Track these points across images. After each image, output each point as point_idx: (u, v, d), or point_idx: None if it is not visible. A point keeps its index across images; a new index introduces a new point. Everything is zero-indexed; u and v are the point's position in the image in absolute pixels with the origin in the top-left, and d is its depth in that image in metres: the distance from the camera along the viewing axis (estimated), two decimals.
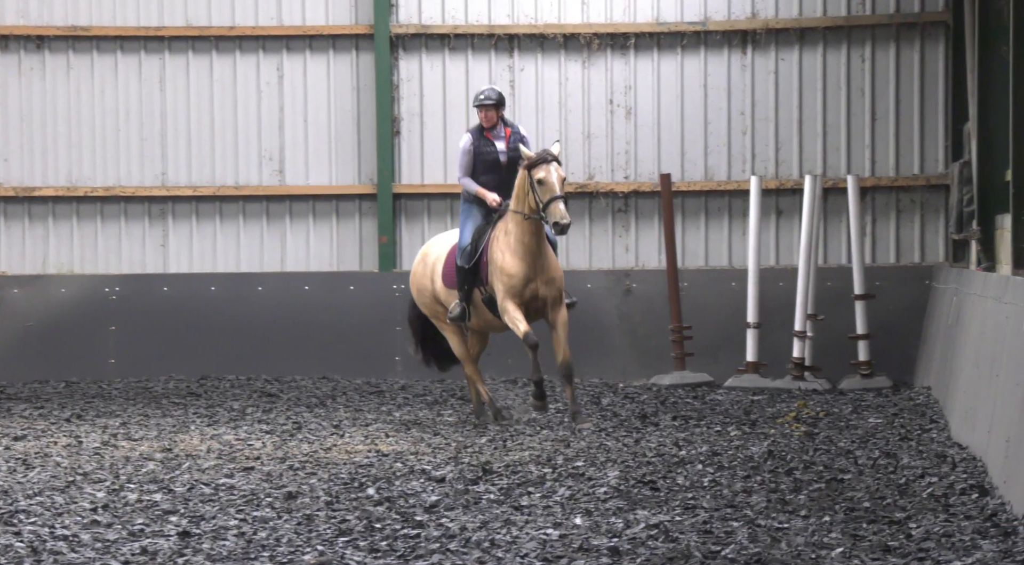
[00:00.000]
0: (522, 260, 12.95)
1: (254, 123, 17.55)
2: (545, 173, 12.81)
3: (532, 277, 12.98)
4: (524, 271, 12.94)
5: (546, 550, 7.98)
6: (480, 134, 13.36)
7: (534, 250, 12.98)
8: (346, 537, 8.38)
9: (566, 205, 12.77)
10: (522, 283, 12.96)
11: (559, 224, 12.68)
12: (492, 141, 13.31)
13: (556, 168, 12.87)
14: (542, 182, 12.80)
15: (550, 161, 12.87)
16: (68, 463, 11.19)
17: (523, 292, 12.98)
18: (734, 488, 9.76)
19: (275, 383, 16.68)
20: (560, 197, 12.73)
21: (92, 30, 17.47)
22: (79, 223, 17.59)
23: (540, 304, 13.05)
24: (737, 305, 16.50)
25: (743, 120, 17.26)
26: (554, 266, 13.09)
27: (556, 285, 13.06)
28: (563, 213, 12.70)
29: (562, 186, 12.79)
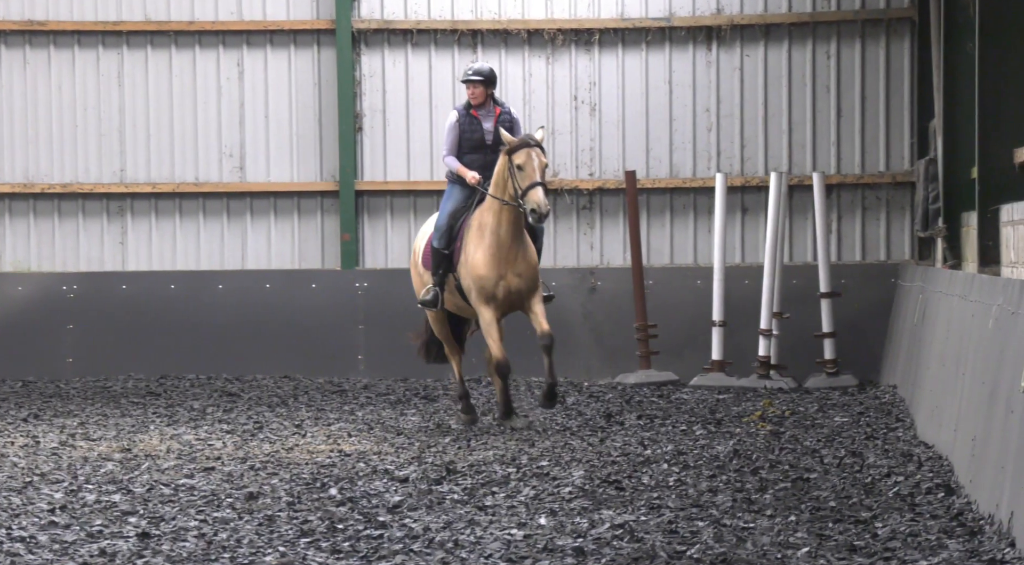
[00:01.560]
0: (493, 257, 12.50)
1: (214, 119, 17.41)
2: (525, 158, 12.35)
3: (503, 273, 12.54)
4: (495, 270, 12.51)
5: (510, 551, 7.92)
6: (467, 112, 12.84)
7: (507, 243, 12.52)
8: (308, 538, 8.29)
9: (547, 193, 12.35)
10: (493, 283, 12.55)
11: (536, 212, 12.23)
12: (479, 120, 12.80)
13: (538, 154, 12.39)
14: (521, 168, 12.34)
15: (532, 146, 12.39)
16: (25, 463, 11.05)
17: (496, 292, 12.57)
18: (699, 488, 9.71)
19: (236, 382, 16.56)
20: (539, 184, 12.27)
21: (49, 24, 17.30)
22: (36, 220, 17.42)
23: (515, 298, 12.65)
24: (702, 303, 16.46)
25: (708, 117, 17.22)
26: (529, 258, 12.62)
27: (530, 276, 12.60)
28: (542, 201, 12.24)
29: (543, 173, 12.36)
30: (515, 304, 12.69)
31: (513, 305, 12.70)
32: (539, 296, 12.68)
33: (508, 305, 12.69)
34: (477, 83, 12.75)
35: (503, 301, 12.61)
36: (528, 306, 12.68)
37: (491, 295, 12.54)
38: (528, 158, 12.32)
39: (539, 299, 12.68)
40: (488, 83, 12.78)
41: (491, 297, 12.55)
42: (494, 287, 12.53)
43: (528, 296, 12.63)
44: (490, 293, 12.54)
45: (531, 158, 12.32)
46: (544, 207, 12.22)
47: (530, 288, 12.62)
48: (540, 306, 12.66)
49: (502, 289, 12.55)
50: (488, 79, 12.77)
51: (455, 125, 12.81)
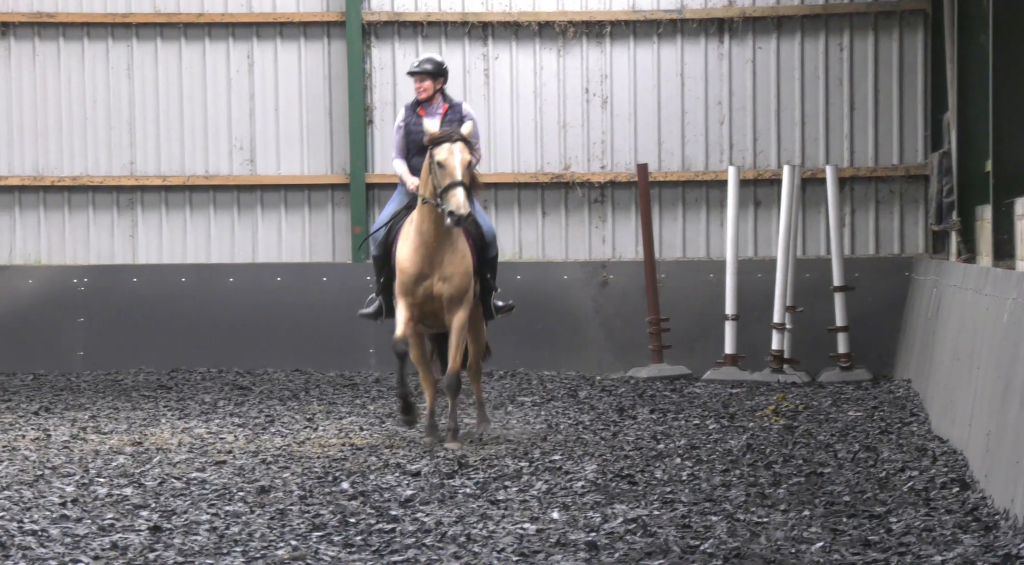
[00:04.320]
0: (415, 252, 11.41)
1: (224, 112, 17.38)
2: (446, 155, 11.18)
3: (427, 273, 11.40)
4: (416, 266, 11.41)
5: (523, 545, 7.89)
6: (414, 109, 11.91)
7: (431, 242, 11.38)
8: (320, 532, 8.27)
9: (468, 193, 11.12)
10: (413, 280, 11.42)
11: (454, 214, 11.03)
12: (424, 117, 11.75)
13: (460, 149, 11.20)
14: (442, 165, 11.17)
15: (454, 140, 11.23)
16: (36, 457, 11.04)
17: (415, 290, 11.43)
18: (713, 482, 9.69)
19: (247, 376, 16.54)
20: (459, 184, 11.07)
21: (58, 16, 17.28)
22: (46, 213, 17.40)
23: (437, 305, 11.47)
24: (715, 297, 16.42)
25: (720, 109, 17.17)
26: (457, 262, 11.44)
27: (456, 283, 11.43)
28: (460, 202, 11.00)
29: (466, 171, 11.16)
30: (437, 311, 11.51)
31: (435, 312, 11.52)
32: (461, 310, 11.47)
33: (429, 311, 11.52)
34: (423, 76, 11.82)
35: (422, 301, 11.46)
36: (448, 322, 11.51)
37: (410, 290, 11.46)
38: (449, 154, 11.19)
39: (460, 316, 11.45)
40: (436, 76, 11.84)
41: (410, 292, 11.46)
42: (415, 283, 11.45)
43: (450, 306, 11.46)
44: (409, 288, 11.46)
45: (453, 154, 11.19)
46: (461, 209, 11.02)
47: (452, 297, 11.44)
48: (458, 333, 11.46)
49: (423, 289, 11.45)
50: (435, 72, 11.84)
51: (401, 125, 11.89)
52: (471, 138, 11.42)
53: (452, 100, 11.95)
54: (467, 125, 11.47)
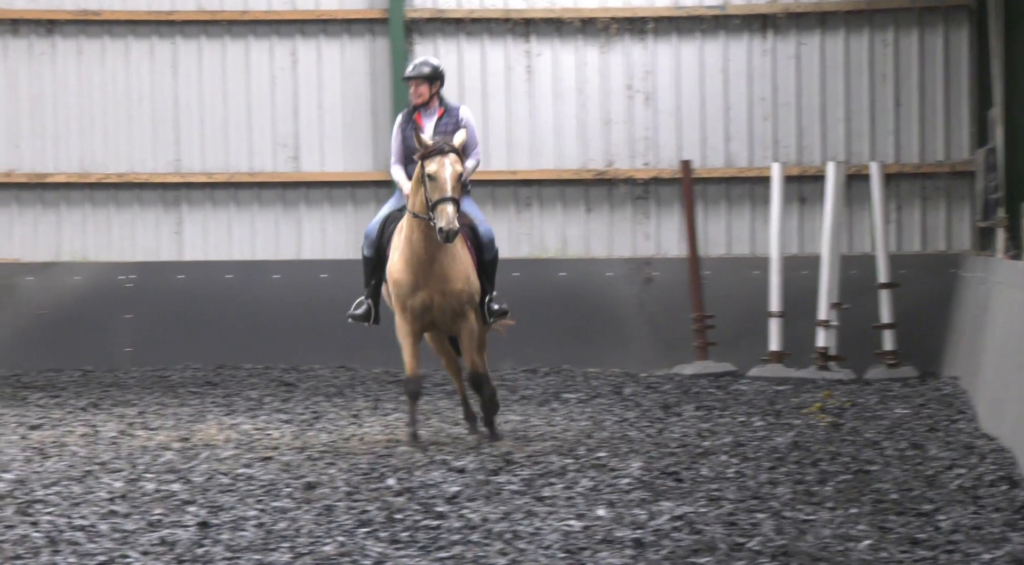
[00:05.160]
0: (408, 263, 11.19)
1: (268, 109, 17.43)
2: (437, 167, 10.92)
3: (421, 285, 11.18)
4: (410, 278, 11.18)
5: (569, 542, 7.89)
6: (410, 114, 11.61)
7: (421, 254, 11.13)
8: (366, 528, 8.29)
9: (457, 208, 10.87)
10: (408, 292, 11.21)
11: (443, 231, 10.78)
12: (420, 123, 11.50)
13: (452, 162, 10.93)
14: (433, 177, 10.92)
15: (446, 153, 10.96)
16: (85, 453, 11.11)
17: (411, 303, 11.23)
18: (759, 479, 9.67)
19: (293, 372, 16.58)
20: (450, 199, 10.81)
21: (103, 14, 17.35)
22: (92, 210, 17.49)
23: (437, 316, 11.25)
24: (760, 294, 16.37)
25: (764, 106, 17.11)
26: (454, 275, 11.19)
27: (455, 297, 11.21)
28: (449, 218, 10.75)
29: (457, 185, 10.89)
30: (438, 323, 11.35)
31: (436, 323, 11.36)
32: (467, 319, 11.31)
33: (428, 321, 11.34)
34: (420, 81, 11.51)
35: (420, 315, 11.27)
36: (456, 331, 11.41)
37: (405, 305, 11.28)
38: (440, 167, 10.93)
39: (468, 324, 11.31)
40: (432, 80, 11.52)
41: (406, 307, 11.28)
42: (409, 297, 11.24)
43: (454, 318, 11.29)
44: (404, 302, 11.27)
45: (444, 167, 10.92)
46: (450, 226, 10.77)
47: (455, 310, 11.24)
48: (469, 337, 11.32)
49: (420, 302, 11.24)
50: (431, 76, 11.51)
51: (398, 130, 11.61)
52: (466, 146, 11.24)
53: (449, 104, 11.66)
54: (459, 134, 11.20)
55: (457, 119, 11.52)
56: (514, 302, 16.70)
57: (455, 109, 11.61)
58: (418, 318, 11.27)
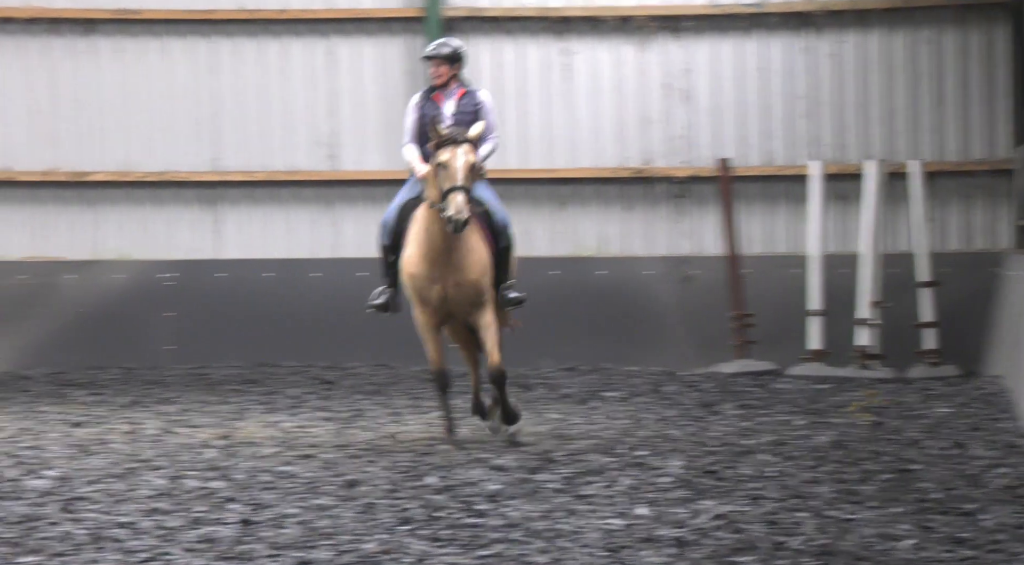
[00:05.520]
0: (424, 256, 11.08)
1: (306, 107, 17.47)
2: (449, 156, 10.85)
3: (436, 276, 11.07)
4: (427, 270, 11.08)
5: (610, 540, 7.89)
6: (428, 94, 11.48)
7: (439, 244, 11.01)
8: (407, 526, 8.31)
9: (468, 197, 10.76)
10: (425, 284, 11.10)
11: (451, 220, 10.70)
12: (439, 103, 11.38)
13: (465, 152, 10.85)
14: (445, 167, 10.84)
15: (459, 143, 10.88)
16: (127, 450, 11.16)
17: (429, 296, 11.12)
18: (800, 478, 9.66)
19: (332, 370, 16.62)
20: (460, 188, 10.72)
21: (142, 13, 17.42)
22: (132, 208, 17.56)
23: (454, 307, 11.15)
24: (799, 292, 16.33)
25: (803, 104, 17.06)
26: (469, 265, 11.07)
27: (471, 287, 11.08)
28: (459, 207, 10.65)
29: (468, 175, 10.81)
30: (456, 314, 11.23)
31: (454, 314, 11.24)
32: (486, 310, 11.18)
33: (446, 313, 11.22)
34: (440, 61, 11.37)
35: (438, 307, 11.16)
36: (474, 323, 11.26)
37: (424, 298, 11.16)
38: (453, 156, 10.85)
39: (486, 316, 11.17)
40: (452, 61, 11.38)
41: (424, 300, 11.17)
42: (426, 290, 11.13)
43: (472, 309, 11.16)
44: (422, 295, 11.16)
45: (456, 157, 10.84)
46: (459, 214, 10.67)
47: (472, 301, 11.12)
48: (488, 329, 11.18)
49: (436, 294, 11.12)
50: (452, 57, 11.38)
51: (414, 108, 11.46)
52: (484, 133, 11.13)
53: (469, 85, 11.53)
54: (477, 126, 11.10)
55: (476, 101, 11.39)
56: (553, 300, 16.78)
57: (474, 92, 11.47)
58: (437, 311, 11.18)
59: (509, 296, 11.40)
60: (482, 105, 11.38)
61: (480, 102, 11.39)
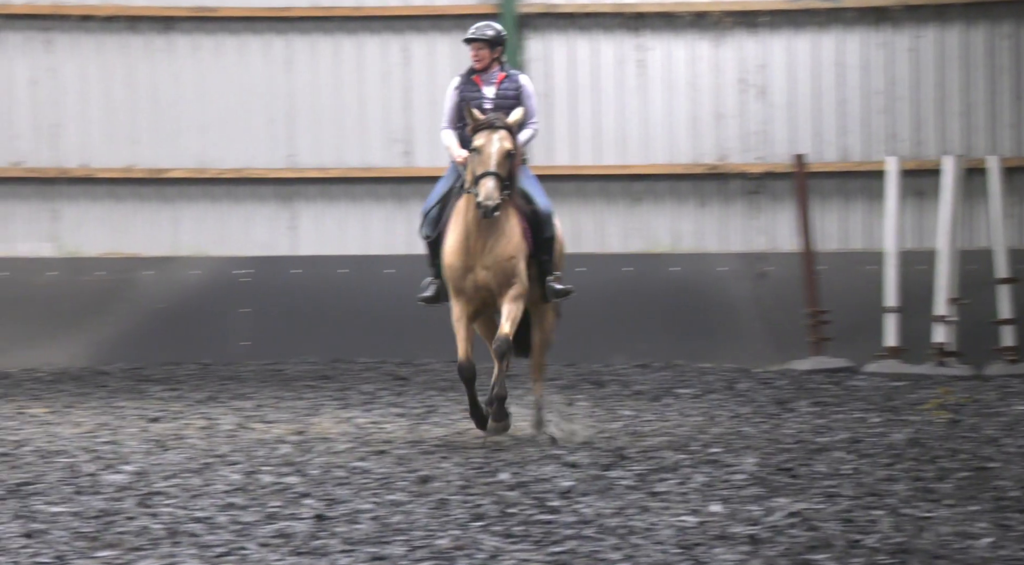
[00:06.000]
0: (460, 244, 10.95)
1: (381, 104, 17.53)
2: (484, 141, 10.72)
3: (471, 264, 10.95)
4: (462, 259, 10.95)
5: (683, 537, 7.86)
6: (468, 77, 11.29)
7: (473, 230, 10.87)
8: (480, 522, 8.31)
9: (500, 183, 10.62)
10: (461, 274, 11.00)
11: (481, 205, 10.60)
12: (480, 86, 11.21)
13: (501, 138, 10.71)
14: (479, 151, 10.72)
15: (496, 128, 10.75)
16: (203, 445, 11.24)
17: (464, 285, 11.02)
18: (876, 476, 9.58)
19: (406, 366, 16.67)
20: (492, 174, 10.61)
21: (219, 11, 17.55)
22: (209, 205, 17.69)
23: (485, 294, 11.03)
24: (875, 288, 16.22)
25: (880, 99, 16.94)
26: (500, 248, 10.92)
27: (500, 270, 10.94)
28: (489, 192, 10.55)
29: (502, 160, 10.67)
30: (487, 301, 11.11)
31: (485, 302, 11.12)
32: (513, 294, 10.99)
33: (480, 301, 11.11)
34: (480, 44, 11.17)
35: (473, 296, 11.05)
36: (500, 303, 11.08)
37: (459, 287, 11.05)
38: (487, 141, 10.72)
39: (514, 291, 10.99)
40: (493, 44, 11.18)
41: (459, 290, 11.06)
42: (461, 279, 11.02)
43: (499, 292, 11.00)
44: (459, 283, 11.03)
45: (491, 142, 10.70)
46: (489, 200, 10.57)
47: (500, 283, 10.96)
48: (512, 302, 10.99)
49: (470, 282, 11.01)
50: (493, 40, 11.19)
51: (454, 92, 11.27)
52: (524, 119, 11.02)
53: (509, 70, 11.32)
54: (516, 112, 10.97)
55: (518, 85, 11.21)
56: (626, 297, 16.77)
57: (515, 75, 11.29)
58: (472, 300, 11.06)
59: (557, 287, 11.30)
60: (523, 89, 11.20)
61: (521, 86, 11.21)
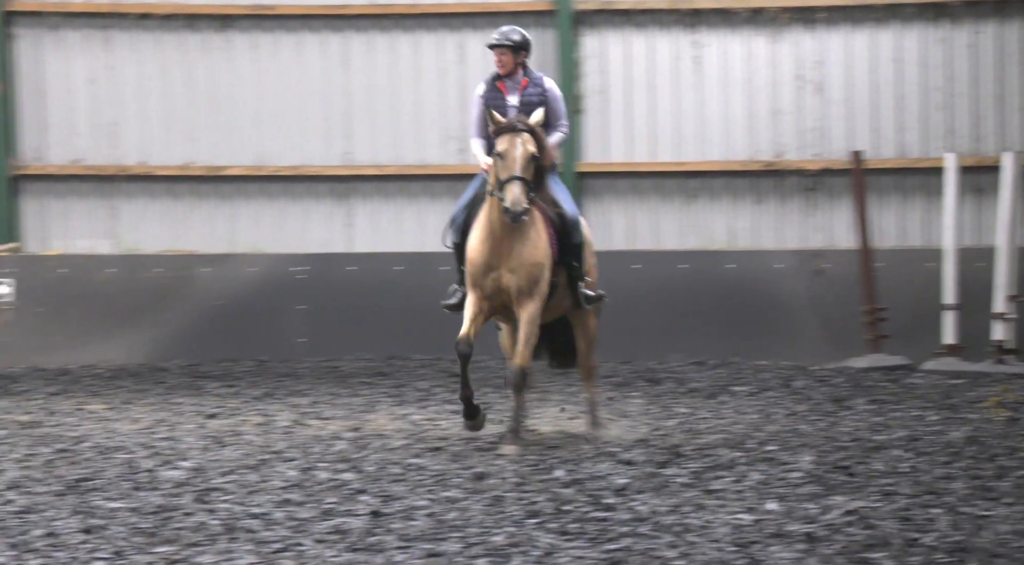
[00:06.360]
0: (483, 243, 10.81)
1: (437, 101, 17.56)
2: (507, 145, 10.57)
3: (495, 264, 10.79)
4: (484, 257, 10.80)
5: (739, 535, 7.85)
6: (493, 84, 11.13)
7: (498, 232, 10.73)
8: (535, 519, 8.32)
9: (526, 188, 10.50)
10: (481, 271, 10.84)
11: (508, 211, 10.45)
12: (504, 93, 11.06)
13: (524, 141, 10.57)
14: (502, 156, 10.57)
15: (519, 131, 10.59)
16: (260, 441, 11.30)
17: (484, 282, 10.85)
18: (934, 474, 9.52)
19: None
20: (518, 178, 10.46)
21: (277, 9, 17.63)
22: (266, 202, 17.78)
23: (506, 297, 10.88)
24: (933, 286, 16.10)
25: (938, 95, 16.82)
26: (528, 252, 10.78)
27: (525, 275, 10.77)
28: (516, 197, 10.41)
29: (527, 165, 10.54)
30: (506, 303, 10.94)
31: (506, 304, 10.95)
32: (532, 302, 10.84)
33: (499, 303, 10.95)
34: (504, 49, 11.00)
35: (492, 295, 10.89)
36: (517, 314, 10.92)
37: (479, 282, 10.89)
38: (511, 145, 10.57)
39: (530, 308, 10.83)
40: (516, 50, 11.03)
41: (479, 286, 10.90)
42: (482, 277, 10.86)
43: (519, 298, 10.84)
44: (478, 280, 10.88)
45: (515, 146, 10.56)
46: (517, 206, 10.43)
47: (523, 288, 10.80)
48: (528, 325, 10.85)
49: (492, 281, 10.86)
50: (518, 45, 11.03)
51: (479, 100, 11.09)
52: (551, 118, 10.93)
53: (533, 74, 11.14)
54: (537, 113, 10.80)
55: (543, 89, 11.06)
56: (681, 294, 16.72)
57: (539, 78, 11.12)
58: (488, 299, 10.90)
59: (589, 294, 11.21)
60: (548, 93, 11.06)
61: (546, 90, 11.07)
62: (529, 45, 11.15)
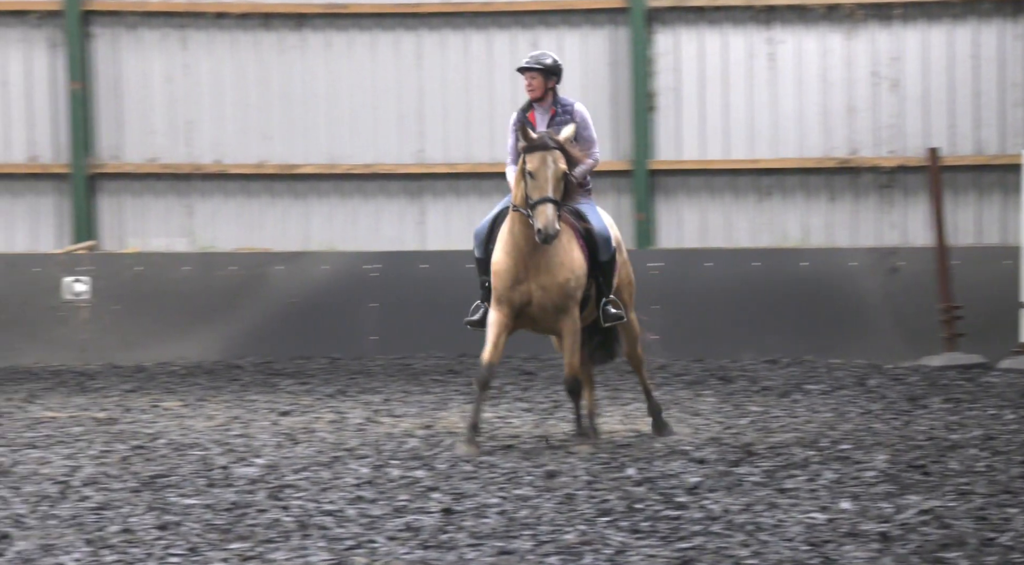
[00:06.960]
0: (509, 257, 10.60)
1: (508, 99, 17.56)
2: (538, 164, 10.31)
3: (523, 278, 10.58)
4: (511, 271, 10.59)
5: (812, 534, 7.80)
6: (524, 113, 10.88)
7: (524, 248, 10.52)
8: (607, 517, 8.30)
9: (557, 209, 10.27)
10: (508, 286, 10.61)
11: (540, 232, 10.20)
12: (534, 125, 10.78)
13: (555, 160, 10.33)
14: (533, 175, 10.32)
15: (550, 149, 10.34)
16: (333, 439, 11.35)
17: (511, 296, 10.63)
18: (1011, 474, 9.42)
19: (533, 361, 16.69)
20: (549, 200, 10.23)
21: (351, 7, 17.71)
22: (340, 200, 17.86)
23: (536, 313, 10.67)
24: (1011, 284, 15.95)
25: (1017, 92, 16.66)
26: (556, 268, 10.56)
27: (556, 290, 10.56)
28: (548, 220, 10.17)
29: (558, 185, 10.30)
30: (538, 320, 10.76)
31: (535, 321, 10.77)
32: (569, 317, 10.65)
33: (527, 318, 10.75)
34: (534, 73, 10.79)
35: (518, 309, 10.67)
36: (558, 329, 10.76)
37: (506, 296, 10.66)
38: (542, 164, 10.31)
39: (569, 323, 10.65)
40: (547, 74, 10.80)
41: (505, 299, 10.67)
42: (510, 290, 10.62)
43: (555, 316, 10.66)
44: (505, 294, 10.65)
45: (545, 165, 10.31)
46: (549, 229, 10.18)
47: (556, 306, 10.61)
48: (571, 336, 10.67)
49: (520, 295, 10.63)
50: (548, 69, 10.79)
51: (512, 129, 10.81)
52: (581, 143, 10.70)
53: (563, 101, 10.90)
54: (568, 129, 10.59)
55: (571, 116, 10.81)
56: (754, 292, 16.63)
57: (569, 105, 10.88)
58: (515, 313, 10.69)
59: (611, 312, 10.95)
60: (579, 118, 10.83)
61: (576, 114, 10.84)
62: (560, 70, 10.91)
